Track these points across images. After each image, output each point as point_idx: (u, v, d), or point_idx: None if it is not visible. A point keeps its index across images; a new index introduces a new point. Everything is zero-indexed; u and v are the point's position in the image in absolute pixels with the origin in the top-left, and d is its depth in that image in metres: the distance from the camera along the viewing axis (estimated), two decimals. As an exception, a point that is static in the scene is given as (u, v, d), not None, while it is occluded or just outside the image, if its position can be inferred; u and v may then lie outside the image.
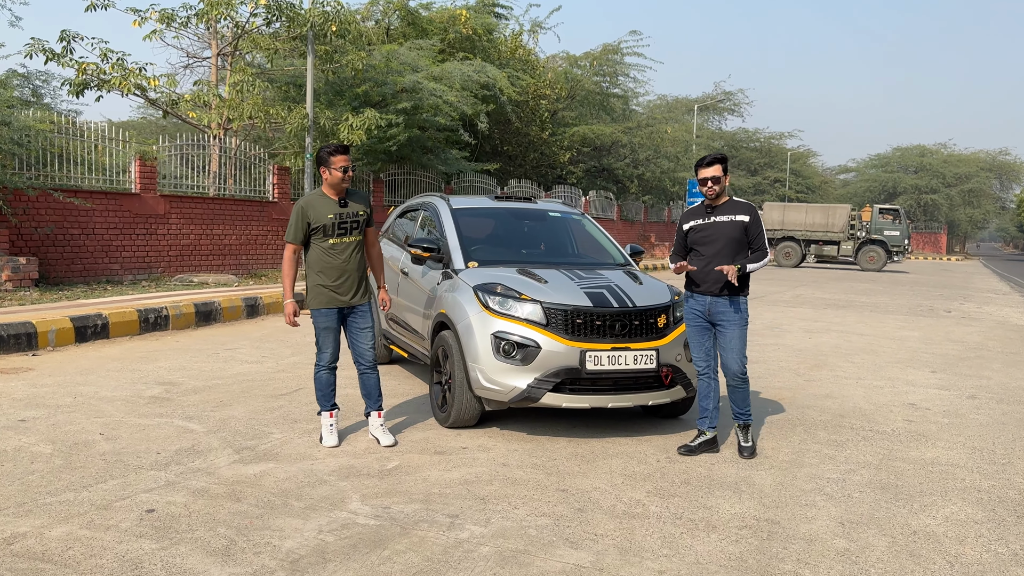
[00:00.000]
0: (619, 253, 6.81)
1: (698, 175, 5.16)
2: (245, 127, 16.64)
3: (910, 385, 7.85)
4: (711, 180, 5.09)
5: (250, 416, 5.79)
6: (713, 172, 5.09)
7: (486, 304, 5.40)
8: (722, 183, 5.11)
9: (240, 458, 4.82)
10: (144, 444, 5.05)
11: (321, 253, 5.08)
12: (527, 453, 5.10)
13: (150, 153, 13.71)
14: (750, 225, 5.10)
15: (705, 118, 47.75)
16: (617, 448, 5.28)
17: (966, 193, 67.77)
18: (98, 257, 12.81)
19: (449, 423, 5.56)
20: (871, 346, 10.49)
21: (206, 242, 14.74)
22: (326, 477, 4.53)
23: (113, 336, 8.94)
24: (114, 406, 5.98)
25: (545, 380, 5.14)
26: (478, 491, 4.37)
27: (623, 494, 4.41)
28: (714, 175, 5.09)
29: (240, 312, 10.88)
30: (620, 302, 5.38)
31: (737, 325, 5.09)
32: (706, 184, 5.11)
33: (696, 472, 4.85)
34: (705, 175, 5.11)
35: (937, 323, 13.43)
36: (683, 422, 6.04)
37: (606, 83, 30.30)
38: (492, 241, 6.61)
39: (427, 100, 17.66)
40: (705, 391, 5.24)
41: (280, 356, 8.23)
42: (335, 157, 4.99)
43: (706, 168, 5.13)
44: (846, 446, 5.57)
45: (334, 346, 5.17)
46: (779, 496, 4.49)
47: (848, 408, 6.74)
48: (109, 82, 14.10)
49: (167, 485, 4.32)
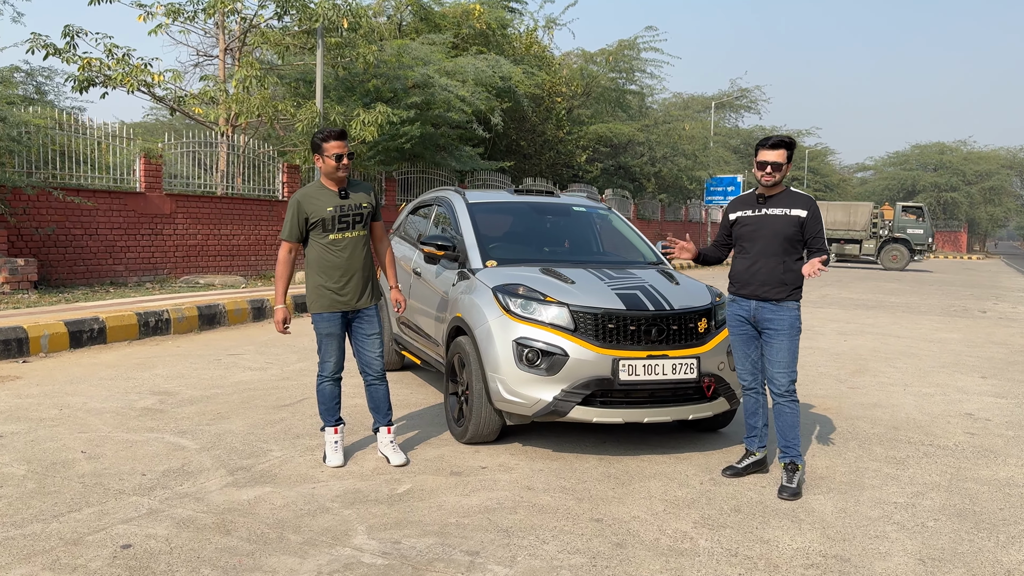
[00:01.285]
0: (650, 251, 6.25)
1: (758, 156, 4.47)
2: (253, 124, 16.17)
3: (962, 392, 7.26)
4: (772, 166, 4.41)
5: (248, 430, 5.29)
6: (776, 157, 4.41)
7: (507, 307, 4.87)
8: (783, 171, 4.43)
9: (234, 480, 4.31)
10: (129, 464, 4.55)
11: (321, 250, 4.57)
12: (554, 474, 4.56)
13: (155, 151, 13.26)
14: (808, 221, 4.43)
15: (721, 116, 46.94)
16: (654, 468, 4.74)
17: (986, 191, 66.65)
18: (101, 258, 12.37)
19: (466, 439, 5.03)
20: (911, 349, 9.89)
21: (214, 242, 14.29)
22: (329, 504, 4.01)
23: (111, 341, 8.47)
24: (102, 419, 5.49)
25: (573, 392, 4.60)
26: (501, 521, 3.83)
27: (667, 525, 3.86)
28: (776, 160, 4.40)
29: (246, 315, 10.40)
30: (656, 304, 4.83)
31: (786, 335, 4.42)
32: (765, 169, 4.42)
33: (746, 497, 4.30)
34: (766, 158, 4.42)
35: (975, 324, 12.79)
36: (724, 436, 5.48)
37: (622, 80, 29.64)
38: (512, 238, 6.07)
39: (439, 95, 17.13)
40: (753, 408, 4.66)
41: (285, 362, 7.73)
42: (328, 143, 4.47)
43: (769, 151, 4.43)
44: (907, 464, 5.01)
45: (338, 354, 4.65)
46: (843, 526, 3.93)
47: (901, 419, 6.16)
48: (113, 78, 13.67)
49: (149, 514, 3.82)
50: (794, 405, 4.43)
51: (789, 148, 4.45)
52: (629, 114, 30.54)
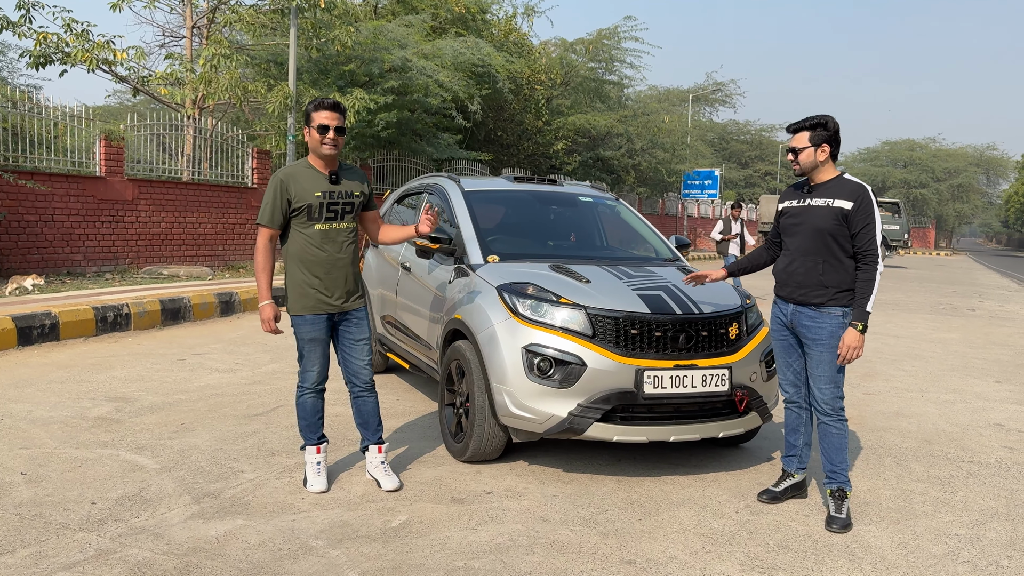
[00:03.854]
0: (665, 246, 5.69)
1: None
2: (222, 107, 15.36)
3: (983, 400, 6.82)
4: (791, 152, 3.93)
5: (216, 446, 4.66)
6: (796, 142, 3.90)
7: (514, 309, 4.28)
8: (811, 157, 3.87)
9: (200, 510, 3.69)
10: (77, 488, 3.90)
11: (305, 242, 3.95)
12: (570, 501, 4.00)
13: (117, 133, 12.43)
14: (853, 214, 3.82)
15: (697, 109, 46.57)
16: (680, 492, 4.19)
17: (955, 188, 67.38)
18: (58, 247, 11.56)
19: (466, 457, 4.45)
20: (913, 350, 9.48)
21: (178, 231, 13.49)
22: (312, 541, 3.41)
23: (64, 338, 7.75)
24: (48, 431, 4.82)
25: (592, 407, 4.03)
26: (517, 565, 3.26)
27: (710, 567, 3.31)
28: (795, 146, 3.90)
29: (213, 310, 9.70)
30: (684, 307, 4.28)
31: (826, 345, 3.86)
32: (788, 156, 3.98)
33: (791, 529, 3.77)
34: (789, 145, 3.94)
35: (969, 323, 12.47)
36: (748, 452, 4.96)
37: (601, 69, 29.08)
38: (513, 231, 5.48)
39: (417, 79, 16.42)
40: (794, 424, 4.13)
41: (257, 363, 7.08)
42: (318, 112, 3.85)
43: (791, 136, 3.95)
44: (954, 485, 4.52)
45: (322, 362, 4.04)
46: (908, 566, 3.42)
47: (930, 431, 5.69)
48: (72, 55, 12.79)
49: (98, 556, 3.19)
50: (842, 425, 3.89)
51: (813, 130, 3.88)
52: (608, 105, 29.98)
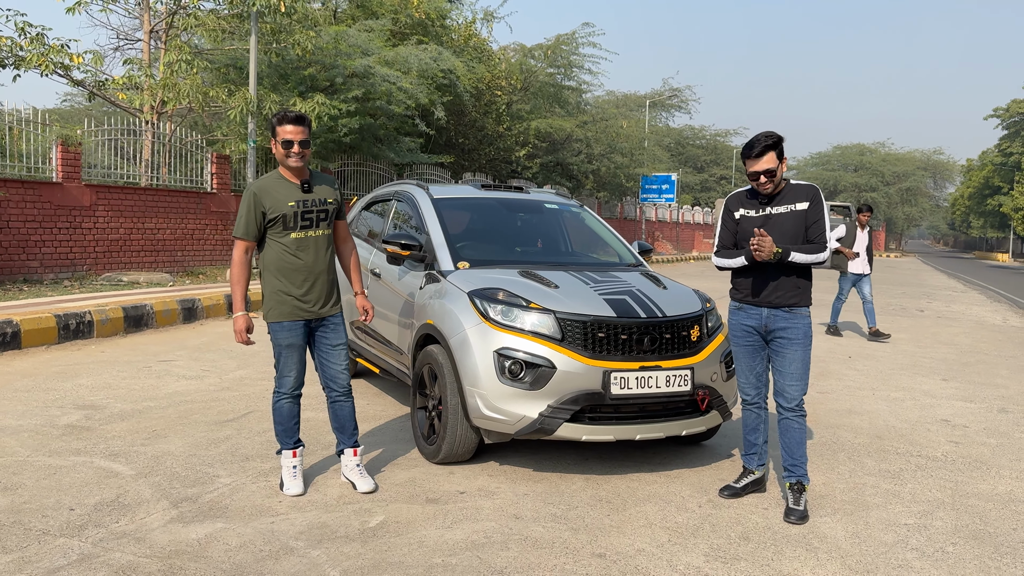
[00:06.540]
0: (627, 251, 5.87)
1: (747, 168, 4.05)
2: (181, 111, 15.24)
3: (931, 397, 7.14)
4: (765, 174, 4.00)
5: (190, 451, 4.71)
6: (767, 163, 4.00)
7: (485, 314, 4.42)
8: (778, 174, 4.04)
9: (179, 514, 3.76)
10: (54, 495, 3.94)
11: (281, 251, 4.03)
12: (540, 499, 4.14)
13: (74, 138, 12.28)
14: (809, 212, 4.04)
15: (654, 114, 47.20)
16: (645, 489, 4.36)
17: (903, 191, 69.23)
18: (13, 254, 11.38)
19: (439, 458, 4.57)
20: (865, 350, 9.83)
21: (137, 237, 13.36)
22: (292, 542, 3.50)
23: (26, 346, 7.67)
24: (18, 440, 4.82)
25: (561, 408, 4.19)
26: (493, 560, 3.39)
27: (676, 558, 3.48)
28: (767, 168, 4.00)
29: (176, 316, 9.66)
30: (648, 311, 4.46)
31: (800, 344, 4.07)
32: (758, 179, 4.02)
33: (751, 522, 3.96)
34: (757, 168, 4.00)
35: (917, 324, 12.92)
36: (709, 449, 5.16)
37: (560, 75, 29.36)
38: (482, 237, 5.61)
39: (380, 86, 16.47)
40: (754, 423, 4.32)
41: (223, 370, 7.10)
42: (282, 126, 3.94)
43: (755, 160, 4.00)
44: (903, 478, 4.76)
45: (299, 368, 4.13)
46: (862, 554, 3.62)
47: (881, 427, 5.96)
48: (27, 59, 12.61)
49: (81, 560, 3.25)
50: (803, 420, 4.10)
51: (775, 148, 4.03)
52: (567, 110, 30.28)
